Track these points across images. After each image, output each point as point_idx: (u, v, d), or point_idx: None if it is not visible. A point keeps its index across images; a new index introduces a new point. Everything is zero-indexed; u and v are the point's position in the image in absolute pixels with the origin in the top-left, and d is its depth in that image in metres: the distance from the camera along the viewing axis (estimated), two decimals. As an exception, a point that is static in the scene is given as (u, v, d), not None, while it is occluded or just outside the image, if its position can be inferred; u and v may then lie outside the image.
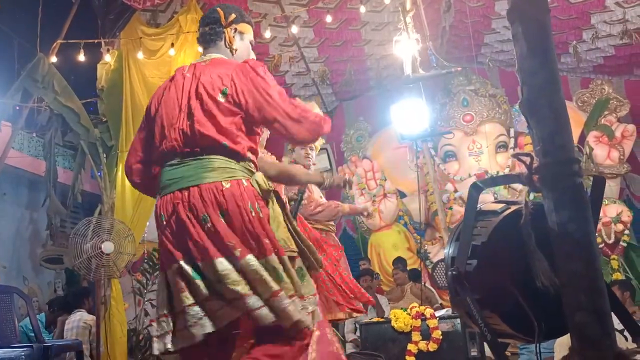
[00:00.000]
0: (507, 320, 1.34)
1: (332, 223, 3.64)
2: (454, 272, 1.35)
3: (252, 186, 1.97)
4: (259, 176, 2.01)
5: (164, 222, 1.96)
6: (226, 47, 2.18)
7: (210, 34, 2.18)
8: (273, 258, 1.88)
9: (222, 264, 1.85)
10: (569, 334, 1.21)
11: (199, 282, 1.86)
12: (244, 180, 1.96)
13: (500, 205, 1.41)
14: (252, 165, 2.06)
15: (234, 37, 2.19)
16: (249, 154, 2.04)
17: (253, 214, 1.91)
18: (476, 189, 1.37)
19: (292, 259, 1.99)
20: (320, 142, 3.58)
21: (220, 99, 1.97)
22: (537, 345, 1.27)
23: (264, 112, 2.01)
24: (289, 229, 2.03)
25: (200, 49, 2.33)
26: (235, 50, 2.19)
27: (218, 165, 1.95)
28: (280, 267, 1.88)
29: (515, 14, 1.23)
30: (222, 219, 1.88)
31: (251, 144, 2.05)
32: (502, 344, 1.41)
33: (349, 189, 2.98)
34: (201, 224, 1.89)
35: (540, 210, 1.28)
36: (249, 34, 2.27)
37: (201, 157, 1.96)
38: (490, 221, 1.38)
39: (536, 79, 1.25)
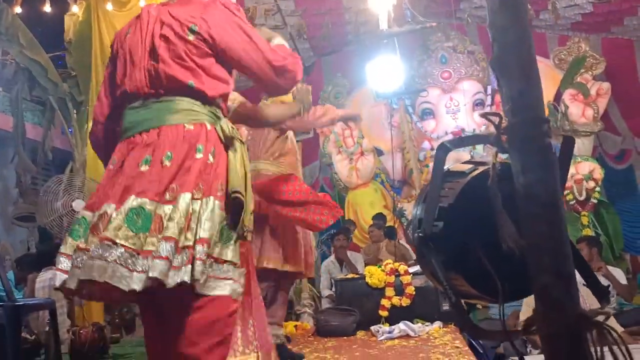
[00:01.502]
0: (472, 281, 1.34)
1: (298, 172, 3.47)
2: (420, 234, 1.34)
3: (216, 131, 1.87)
4: (224, 122, 1.91)
5: (112, 166, 1.85)
6: None
7: None
8: (208, 201, 1.75)
9: (132, 202, 1.69)
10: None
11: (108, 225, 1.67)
12: (208, 125, 1.86)
13: (469, 166, 1.39)
14: (220, 111, 1.94)
15: None
16: (219, 99, 1.93)
17: (199, 156, 1.78)
18: (443, 150, 1.35)
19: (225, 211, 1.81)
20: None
21: (189, 36, 1.85)
22: (501, 306, 1.28)
23: (240, 53, 1.89)
24: (245, 185, 1.87)
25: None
26: None
27: (182, 107, 1.85)
28: (209, 211, 1.74)
29: (488, -33, 1.19)
30: (167, 161, 1.75)
31: (223, 89, 1.93)
32: (467, 304, 1.42)
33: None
34: (137, 167, 1.76)
35: (508, 171, 1.26)
36: None
37: (165, 100, 1.86)
38: (457, 182, 1.36)
39: (507, 36, 1.21)
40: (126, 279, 1.60)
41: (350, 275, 5.19)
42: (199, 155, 1.79)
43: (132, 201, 1.69)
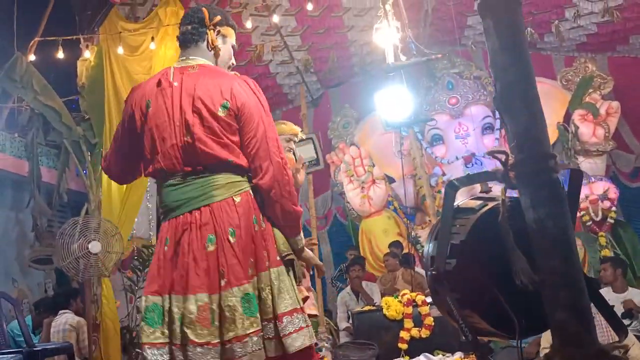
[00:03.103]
0: (488, 318, 1.34)
1: None
2: (433, 272, 1.34)
3: (253, 196, 1.94)
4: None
5: (167, 247, 1.90)
6: (208, 49, 2.09)
7: (193, 33, 2.09)
8: (278, 269, 1.87)
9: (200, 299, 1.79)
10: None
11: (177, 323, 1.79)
12: (251, 192, 1.93)
13: (478, 202, 1.40)
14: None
15: (216, 39, 2.10)
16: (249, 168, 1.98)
17: (257, 228, 1.88)
18: (452, 188, 1.36)
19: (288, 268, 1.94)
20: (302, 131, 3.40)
21: (221, 113, 1.89)
22: (519, 342, 1.27)
23: (255, 131, 1.92)
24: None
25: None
26: (219, 51, 2.11)
27: (225, 181, 1.90)
28: (282, 280, 1.86)
29: (486, 9, 1.20)
30: (232, 237, 1.84)
31: None
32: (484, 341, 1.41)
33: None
34: (204, 248, 1.84)
35: (517, 206, 1.26)
36: (232, 38, 2.19)
37: (206, 175, 1.90)
38: (468, 219, 1.37)
39: (509, 75, 1.23)
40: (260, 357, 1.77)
41: (367, 308, 5.15)
42: (257, 228, 1.88)
43: (237, 291, 1.79)
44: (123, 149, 2.12)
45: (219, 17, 2.11)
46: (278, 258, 1.88)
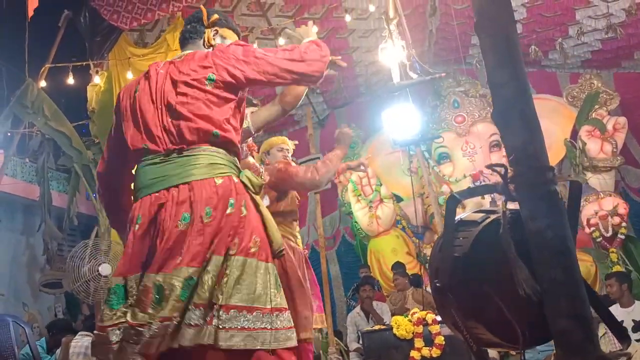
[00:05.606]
0: (492, 329, 1.35)
1: (296, 230, 3.24)
2: (437, 284, 1.36)
3: (243, 182, 1.88)
4: (248, 172, 1.92)
5: (137, 225, 1.82)
6: (205, 47, 2.09)
7: (191, 31, 2.10)
8: (248, 260, 1.77)
9: (186, 271, 1.70)
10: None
11: (153, 295, 1.70)
12: (234, 177, 1.87)
13: (480, 215, 1.42)
14: (238, 161, 1.96)
15: (214, 38, 2.11)
16: (238, 147, 1.97)
17: (230, 211, 1.79)
18: (453, 201, 1.38)
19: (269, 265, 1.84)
20: (292, 148, 3.36)
21: (208, 86, 1.87)
22: (522, 352, 1.28)
23: (267, 69, 1.93)
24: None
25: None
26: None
27: (207, 161, 1.85)
28: (248, 272, 1.75)
29: (482, 27, 1.24)
30: (206, 217, 1.75)
31: (239, 134, 1.98)
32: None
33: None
34: (176, 227, 1.76)
35: (519, 218, 1.28)
36: (232, 41, 2.15)
37: (187, 154, 1.85)
38: (470, 231, 1.39)
39: (506, 91, 1.26)
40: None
41: (377, 327, 5.12)
42: (229, 210, 1.79)
43: (184, 271, 1.70)
44: (116, 149, 2.08)
45: (216, 17, 2.12)
46: (253, 250, 1.78)
